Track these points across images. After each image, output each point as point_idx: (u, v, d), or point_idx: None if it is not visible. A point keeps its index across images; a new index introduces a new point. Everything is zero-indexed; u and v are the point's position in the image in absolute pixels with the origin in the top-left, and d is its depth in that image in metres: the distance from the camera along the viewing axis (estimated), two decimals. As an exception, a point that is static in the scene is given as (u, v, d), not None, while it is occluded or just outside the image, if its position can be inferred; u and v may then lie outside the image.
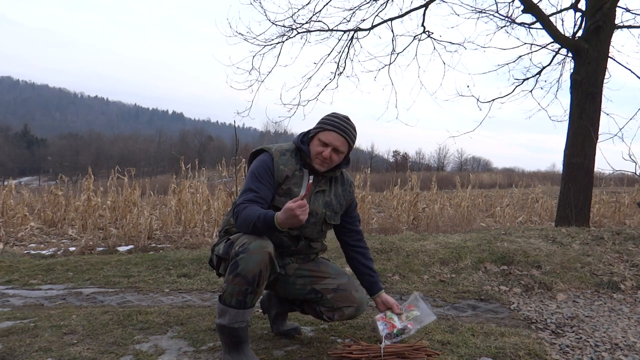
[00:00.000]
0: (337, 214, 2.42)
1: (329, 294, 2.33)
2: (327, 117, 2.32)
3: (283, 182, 2.24)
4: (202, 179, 9.69)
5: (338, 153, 2.27)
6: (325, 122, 2.29)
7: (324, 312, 2.37)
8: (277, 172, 2.24)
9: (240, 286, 2.03)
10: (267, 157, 2.27)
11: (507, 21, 8.13)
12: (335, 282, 2.36)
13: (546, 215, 11.73)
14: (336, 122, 2.28)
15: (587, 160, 6.89)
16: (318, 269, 2.39)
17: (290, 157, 2.30)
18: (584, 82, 6.91)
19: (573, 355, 2.52)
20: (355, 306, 2.35)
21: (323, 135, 2.25)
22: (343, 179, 2.46)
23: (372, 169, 20.42)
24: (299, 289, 2.37)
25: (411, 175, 10.18)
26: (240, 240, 2.09)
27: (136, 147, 79.22)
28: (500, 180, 23.78)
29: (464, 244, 4.61)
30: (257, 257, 2.02)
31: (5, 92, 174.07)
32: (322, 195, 2.35)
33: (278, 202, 2.22)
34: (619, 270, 4.15)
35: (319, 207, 2.32)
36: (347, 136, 2.27)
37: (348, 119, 2.32)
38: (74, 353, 2.29)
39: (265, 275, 2.07)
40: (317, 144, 2.27)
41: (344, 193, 2.44)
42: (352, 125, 2.32)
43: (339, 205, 2.41)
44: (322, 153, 2.24)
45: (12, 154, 65.46)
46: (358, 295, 2.36)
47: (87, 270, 4.35)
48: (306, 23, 8.24)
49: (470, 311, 3.31)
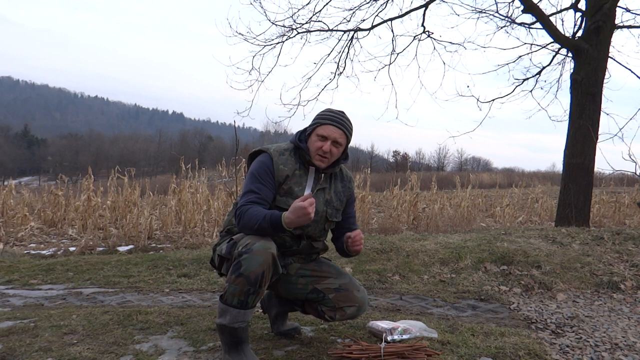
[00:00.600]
0: (338, 211, 2.42)
1: (330, 294, 2.33)
2: (322, 113, 2.33)
3: (284, 181, 2.24)
4: (202, 179, 9.70)
5: (337, 146, 2.28)
6: (321, 117, 2.30)
7: (326, 312, 2.36)
8: (277, 172, 2.24)
9: (242, 286, 2.03)
10: (266, 158, 2.27)
11: (507, 21, 8.14)
12: (337, 281, 2.35)
13: (546, 215, 11.73)
14: (332, 115, 2.29)
15: (587, 160, 6.89)
16: (320, 269, 2.39)
17: (290, 156, 2.30)
18: (584, 82, 6.91)
19: (573, 355, 2.52)
20: (357, 306, 2.35)
21: (321, 129, 2.26)
22: (342, 175, 2.46)
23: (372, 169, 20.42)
24: (300, 289, 2.37)
25: (411, 175, 10.17)
26: (243, 241, 2.09)
27: (136, 147, 79.23)
28: (500, 180, 23.79)
29: (464, 244, 4.61)
30: (261, 258, 2.02)
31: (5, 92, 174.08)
32: (322, 193, 2.35)
33: (280, 202, 2.22)
34: (619, 270, 4.15)
35: (320, 205, 2.32)
36: (344, 128, 2.28)
37: (343, 113, 2.34)
38: (74, 353, 2.29)
39: (268, 276, 2.07)
40: (315, 139, 2.27)
41: (343, 189, 2.44)
42: (348, 118, 2.34)
43: (339, 202, 2.41)
44: (322, 147, 2.24)
45: (12, 154, 65.47)
46: (360, 295, 2.36)
47: (87, 270, 4.35)
48: (306, 23, 8.25)
49: (470, 311, 3.31)
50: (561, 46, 7.76)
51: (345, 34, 8.46)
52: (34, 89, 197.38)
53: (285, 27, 8.23)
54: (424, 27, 8.46)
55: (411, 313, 3.19)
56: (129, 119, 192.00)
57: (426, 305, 3.42)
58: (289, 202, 2.20)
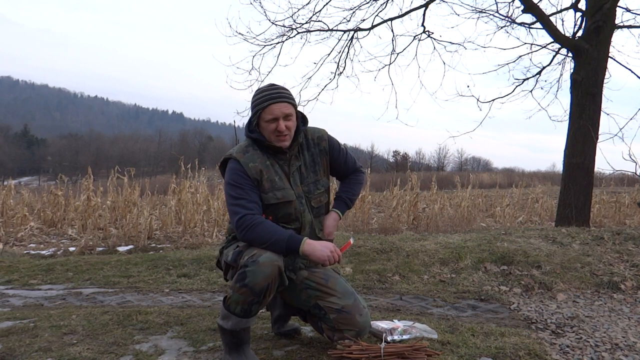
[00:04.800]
0: (317, 182, 2.34)
1: (332, 314, 2.25)
2: (257, 97, 2.23)
3: (260, 177, 2.20)
4: (202, 179, 9.67)
5: (289, 118, 2.21)
6: (258, 101, 2.21)
7: (325, 330, 2.31)
8: (249, 171, 2.19)
9: (246, 296, 2.02)
10: (233, 164, 2.22)
11: (507, 21, 8.13)
12: (341, 302, 2.26)
13: (546, 215, 11.73)
14: (268, 94, 2.21)
15: (587, 160, 6.89)
16: (326, 285, 2.29)
17: (253, 150, 2.25)
18: (584, 82, 6.90)
19: (573, 355, 2.52)
20: (357, 330, 2.27)
21: (265, 113, 2.19)
22: (308, 140, 2.37)
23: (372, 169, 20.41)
24: (304, 300, 2.32)
25: (411, 175, 10.16)
26: (250, 251, 2.07)
27: (136, 147, 79.19)
28: (500, 180, 23.77)
29: (464, 244, 4.61)
30: (267, 271, 2.00)
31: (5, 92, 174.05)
32: (298, 172, 2.30)
33: (268, 199, 2.20)
34: (619, 270, 4.15)
35: (300, 187, 2.28)
36: (285, 99, 2.21)
37: (274, 84, 2.27)
38: (74, 353, 2.29)
39: (273, 288, 2.05)
40: (266, 125, 2.21)
41: (315, 155, 2.36)
42: (282, 86, 2.26)
43: (312, 173, 2.34)
44: (277, 128, 2.18)
45: (12, 154, 65.46)
46: (361, 320, 2.27)
47: (87, 270, 4.35)
48: (306, 23, 8.23)
49: (470, 311, 3.31)
50: (561, 46, 7.75)
51: (345, 33, 8.45)
52: (34, 89, 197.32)
53: (285, 27, 8.22)
54: (424, 27, 8.46)
55: (411, 313, 3.19)
56: (129, 119, 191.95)
57: (426, 305, 3.41)
58: (277, 194, 2.19)
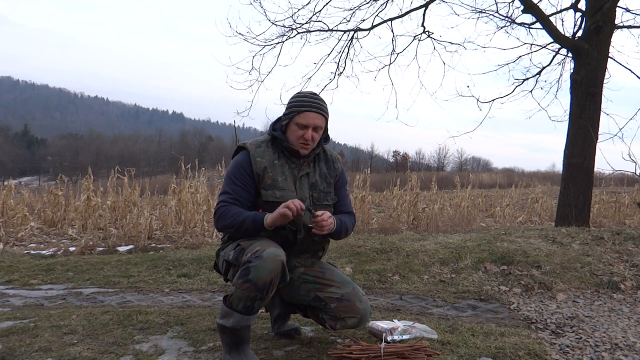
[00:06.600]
0: (328, 194, 2.37)
1: (332, 303, 2.29)
2: (297, 100, 2.27)
3: (263, 173, 2.23)
4: (202, 179, 9.67)
5: (318, 131, 2.26)
6: (296, 104, 2.25)
7: (327, 320, 2.33)
8: (255, 165, 2.23)
9: (249, 292, 2.02)
10: (242, 156, 2.28)
11: (507, 21, 8.13)
12: (340, 291, 2.30)
13: (546, 215, 11.73)
14: (309, 101, 2.24)
15: (587, 160, 6.89)
16: (323, 277, 2.35)
17: (266, 147, 2.29)
18: (584, 82, 6.91)
19: (573, 355, 2.52)
20: (359, 317, 2.30)
21: (300, 118, 2.22)
22: (326, 155, 2.42)
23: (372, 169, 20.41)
24: (303, 295, 2.34)
25: (411, 176, 10.17)
26: (252, 247, 2.07)
27: (136, 147, 79.23)
28: (500, 180, 23.77)
29: (464, 244, 4.61)
30: (270, 266, 2.00)
31: (5, 92, 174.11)
32: (306, 178, 2.32)
33: (266, 196, 2.21)
34: (619, 270, 4.15)
35: (306, 192, 2.30)
36: (322, 112, 2.25)
37: (317, 95, 2.30)
38: (74, 353, 2.29)
39: (276, 283, 2.06)
40: (295, 128, 2.24)
41: (328, 170, 2.40)
42: (322, 99, 2.30)
43: (326, 184, 2.37)
44: (304, 135, 2.22)
45: (12, 154, 65.48)
46: (362, 306, 2.30)
47: (87, 270, 4.35)
48: (306, 23, 8.24)
49: (470, 311, 3.31)
50: (561, 46, 7.75)
51: (345, 34, 8.46)
52: (34, 89, 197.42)
53: (285, 27, 8.23)
54: (424, 27, 8.47)
55: (411, 313, 3.19)
56: (129, 119, 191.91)
57: (426, 305, 3.42)
58: (276, 193, 2.20)
